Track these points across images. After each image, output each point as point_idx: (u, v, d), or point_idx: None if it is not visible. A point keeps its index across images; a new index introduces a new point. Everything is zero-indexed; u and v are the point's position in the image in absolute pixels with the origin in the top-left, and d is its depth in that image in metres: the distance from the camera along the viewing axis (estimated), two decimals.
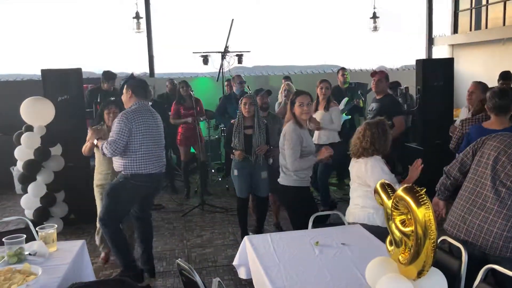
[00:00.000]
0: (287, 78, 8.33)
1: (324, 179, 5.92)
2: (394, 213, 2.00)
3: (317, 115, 5.64)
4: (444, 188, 2.98)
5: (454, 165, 2.88)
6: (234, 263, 3.31)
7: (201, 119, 6.93)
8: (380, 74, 5.65)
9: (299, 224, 3.69)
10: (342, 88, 7.39)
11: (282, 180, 4.04)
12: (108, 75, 6.77)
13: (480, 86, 5.01)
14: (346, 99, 6.92)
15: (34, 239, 3.11)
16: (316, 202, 6.09)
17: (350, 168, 3.59)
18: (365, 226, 3.33)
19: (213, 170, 7.78)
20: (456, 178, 2.86)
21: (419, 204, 1.82)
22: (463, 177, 2.81)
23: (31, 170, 5.30)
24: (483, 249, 2.52)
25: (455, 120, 5.63)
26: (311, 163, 3.98)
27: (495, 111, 3.47)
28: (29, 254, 2.80)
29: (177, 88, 6.96)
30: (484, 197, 2.57)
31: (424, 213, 1.81)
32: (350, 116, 6.92)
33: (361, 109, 7.18)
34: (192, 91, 6.48)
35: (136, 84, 4.11)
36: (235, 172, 4.87)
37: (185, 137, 6.70)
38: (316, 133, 5.79)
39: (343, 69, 7.69)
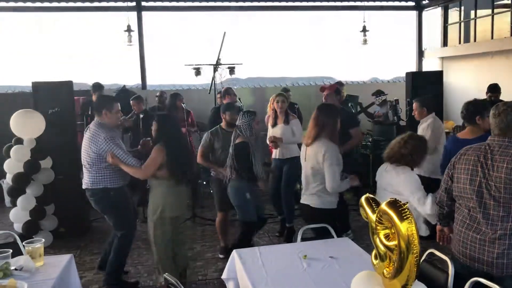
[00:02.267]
0: (285, 90, 8.20)
1: (290, 193, 5.65)
2: (378, 227, 2.01)
3: (278, 130, 5.49)
4: (443, 217, 2.97)
5: (442, 196, 2.85)
6: (223, 277, 3.31)
7: (192, 131, 6.94)
8: (330, 89, 5.70)
9: None
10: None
11: (319, 203, 3.77)
12: (96, 86, 6.97)
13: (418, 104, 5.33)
14: None
15: (22, 254, 3.08)
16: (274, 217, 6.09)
17: (378, 177, 3.61)
18: None
19: (204, 183, 7.76)
20: (449, 205, 2.85)
21: (402, 218, 1.84)
22: (454, 203, 2.81)
23: (21, 183, 5.27)
24: (490, 270, 2.49)
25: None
26: (347, 187, 3.82)
27: (464, 120, 3.58)
28: (15, 269, 2.78)
29: (168, 100, 7.00)
30: (478, 221, 2.54)
31: (407, 227, 1.83)
32: None
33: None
34: (183, 103, 6.52)
35: None
36: (248, 196, 4.46)
37: None
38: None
39: (339, 83, 7.53)
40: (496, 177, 2.44)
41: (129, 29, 9.12)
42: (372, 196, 2.22)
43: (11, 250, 2.86)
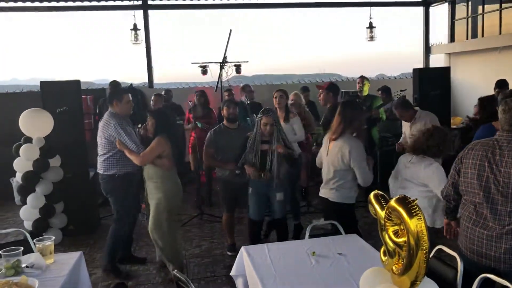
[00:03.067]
0: (305, 89, 7.86)
1: (294, 191, 5.52)
2: (387, 224, 2.01)
3: None
4: (450, 211, 2.98)
5: (449, 190, 2.86)
6: (232, 273, 3.33)
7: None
8: (324, 87, 5.70)
9: None
10: (360, 97, 6.91)
11: (338, 197, 3.83)
12: (113, 84, 7.23)
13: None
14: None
15: (32, 251, 3.12)
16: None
17: (401, 168, 3.63)
18: None
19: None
20: (456, 199, 2.85)
21: (411, 215, 1.84)
22: (461, 197, 2.80)
23: (30, 182, 5.32)
24: (498, 266, 2.48)
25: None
26: (372, 175, 3.85)
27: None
28: (26, 266, 2.81)
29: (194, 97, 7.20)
30: (484, 217, 2.53)
31: (416, 224, 1.83)
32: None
33: (378, 120, 6.66)
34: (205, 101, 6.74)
35: None
36: (250, 190, 4.47)
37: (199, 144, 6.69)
38: None
39: (361, 77, 7.15)
40: (504, 173, 2.43)
41: (135, 28, 9.14)
42: (381, 192, 2.22)
43: (22, 248, 2.89)
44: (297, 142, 5.40)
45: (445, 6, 10.67)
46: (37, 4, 9.10)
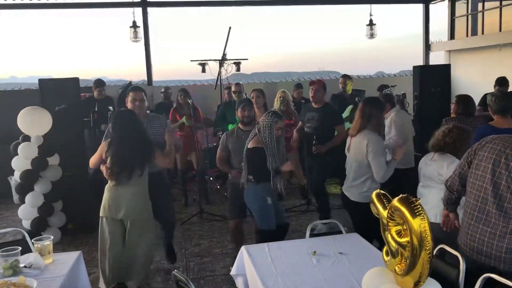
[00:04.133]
0: (298, 85, 8.06)
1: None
2: (390, 224, 1.99)
3: None
4: (451, 202, 2.96)
5: (454, 180, 2.84)
6: (232, 273, 3.30)
7: (198, 127, 6.87)
8: (318, 83, 5.61)
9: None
10: (345, 95, 7.17)
11: (360, 195, 3.79)
12: (96, 83, 7.13)
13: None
14: (350, 106, 6.78)
15: (31, 251, 3.09)
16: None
17: (424, 167, 3.60)
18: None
19: (211, 178, 7.77)
20: (459, 191, 2.83)
21: (414, 214, 1.82)
22: (465, 189, 2.78)
23: (28, 180, 5.29)
24: (497, 265, 2.46)
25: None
26: (392, 171, 3.76)
27: (497, 112, 3.69)
28: (25, 266, 2.79)
29: (176, 96, 7.00)
30: (487, 213, 2.50)
31: (419, 223, 1.80)
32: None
33: None
34: (190, 99, 6.47)
35: None
36: (269, 201, 3.94)
37: (182, 143, 6.67)
38: None
39: (344, 76, 7.42)
40: None
41: (134, 25, 9.11)
42: (383, 192, 2.20)
43: (20, 248, 2.87)
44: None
45: (445, 3, 10.66)
46: (35, 1, 9.05)
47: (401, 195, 1.95)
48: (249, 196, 4.04)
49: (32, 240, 3.05)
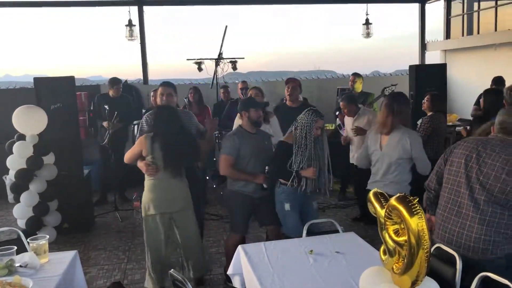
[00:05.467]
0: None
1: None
2: (387, 223, 1.99)
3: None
4: (430, 203, 3.01)
5: (432, 178, 2.93)
6: (229, 272, 3.29)
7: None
8: (294, 82, 5.58)
9: None
10: (354, 93, 6.90)
11: (397, 190, 3.78)
12: (112, 81, 6.92)
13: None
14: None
15: (26, 250, 3.07)
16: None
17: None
18: None
19: (207, 177, 7.75)
20: (436, 190, 2.89)
21: (412, 213, 1.82)
22: (441, 187, 2.86)
23: (24, 179, 5.26)
24: (466, 253, 2.55)
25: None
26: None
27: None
28: (20, 266, 2.76)
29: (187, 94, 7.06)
30: (459, 204, 2.61)
31: (417, 222, 1.80)
32: None
33: None
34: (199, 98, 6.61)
35: None
36: (287, 207, 3.83)
37: None
38: None
39: (354, 74, 7.13)
40: (489, 165, 2.47)
41: (130, 24, 9.08)
42: (380, 191, 2.20)
43: (15, 247, 2.85)
44: None
45: (441, 3, 10.68)
46: None
47: (398, 194, 1.96)
48: (275, 196, 3.98)
49: (28, 240, 3.03)
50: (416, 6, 10.62)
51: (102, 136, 6.70)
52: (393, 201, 1.92)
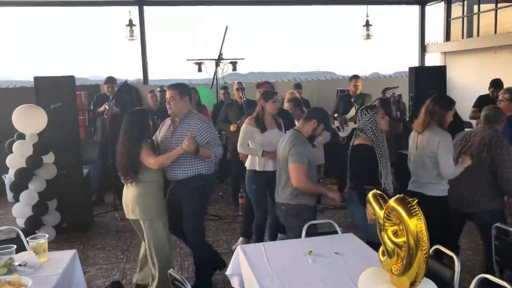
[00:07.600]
0: (298, 85, 7.96)
1: None
2: (386, 224, 1.99)
3: (269, 135, 4.49)
4: None
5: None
6: (227, 272, 3.30)
7: None
8: (266, 85, 5.49)
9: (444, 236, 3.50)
10: (353, 96, 6.95)
11: (440, 192, 3.79)
12: (106, 79, 7.06)
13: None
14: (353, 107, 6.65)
15: (25, 249, 3.08)
16: None
17: None
18: None
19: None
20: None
21: (411, 215, 1.82)
22: None
23: (23, 178, 5.26)
24: None
25: None
26: (461, 170, 3.77)
27: None
28: (19, 264, 2.77)
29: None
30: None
31: (416, 224, 1.80)
32: None
33: None
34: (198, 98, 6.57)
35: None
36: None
37: None
38: (261, 159, 4.55)
39: (355, 78, 7.07)
40: None
41: (130, 24, 9.10)
42: (379, 192, 2.20)
43: (15, 246, 2.85)
44: None
45: (441, 5, 10.70)
46: None
47: (397, 195, 1.96)
48: (353, 206, 3.76)
49: (27, 239, 3.04)
50: (416, 8, 10.64)
51: (100, 134, 6.79)
52: (392, 202, 1.92)
